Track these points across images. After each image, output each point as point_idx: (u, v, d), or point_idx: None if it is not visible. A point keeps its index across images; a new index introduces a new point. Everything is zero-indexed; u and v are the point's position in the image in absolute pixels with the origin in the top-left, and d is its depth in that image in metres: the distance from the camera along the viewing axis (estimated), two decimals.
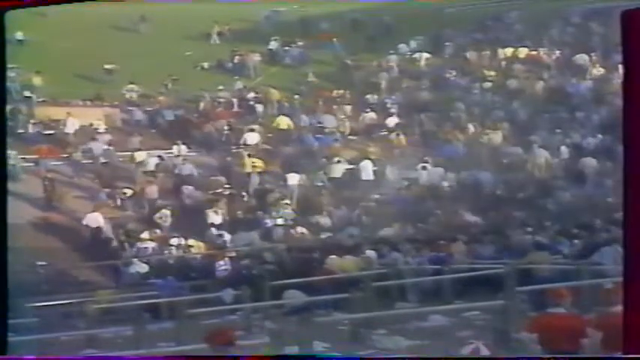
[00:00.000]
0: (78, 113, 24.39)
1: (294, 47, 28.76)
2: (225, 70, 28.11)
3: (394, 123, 24.92)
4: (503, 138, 23.75)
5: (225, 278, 17.93)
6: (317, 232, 20.26)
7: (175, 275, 17.78)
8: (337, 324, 14.48)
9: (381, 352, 12.81)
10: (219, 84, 26.67)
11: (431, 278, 16.75)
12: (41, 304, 15.71)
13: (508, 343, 11.50)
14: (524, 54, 28.27)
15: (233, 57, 28.18)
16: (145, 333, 14.18)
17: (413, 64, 28.28)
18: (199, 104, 25.95)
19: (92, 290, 17.55)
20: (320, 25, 29.72)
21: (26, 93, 24.54)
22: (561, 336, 9.00)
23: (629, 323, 5.83)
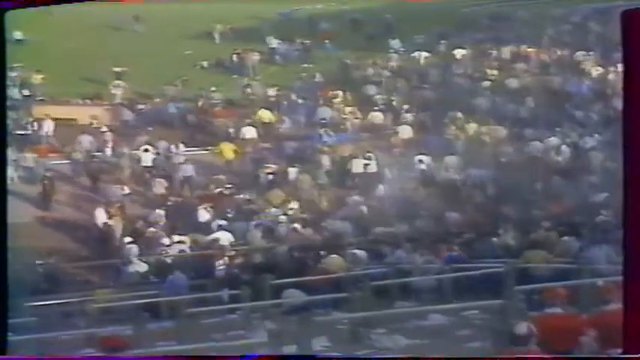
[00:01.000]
0: (78, 112, 24.46)
1: (294, 45, 28.84)
2: (225, 69, 28.13)
3: (399, 121, 24.96)
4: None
5: (224, 277, 17.90)
6: (318, 230, 20.22)
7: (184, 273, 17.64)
8: (337, 323, 14.49)
9: (381, 352, 12.81)
10: (218, 83, 26.68)
11: (430, 278, 16.70)
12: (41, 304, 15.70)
13: (507, 342, 11.49)
14: (525, 53, 28.34)
15: (232, 56, 28.24)
16: (145, 332, 14.17)
17: (412, 63, 28.30)
18: (198, 102, 26.00)
19: (92, 289, 17.55)
20: (320, 25, 29.88)
21: (25, 92, 24.60)
22: (560, 335, 9.01)
23: (629, 323, 5.83)
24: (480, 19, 29.96)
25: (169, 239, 19.46)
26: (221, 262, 18.36)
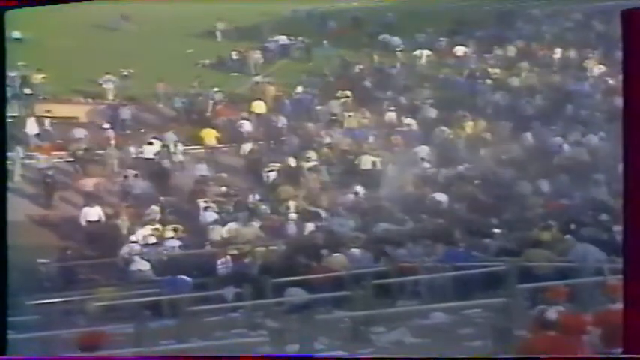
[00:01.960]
0: (78, 111, 24.48)
1: (297, 43, 28.88)
2: (226, 68, 28.15)
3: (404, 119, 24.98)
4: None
5: (226, 275, 17.90)
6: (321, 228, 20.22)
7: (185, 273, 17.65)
8: (339, 321, 14.50)
9: (381, 352, 12.80)
10: (219, 81, 26.69)
11: (431, 276, 16.67)
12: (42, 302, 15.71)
13: (509, 341, 11.48)
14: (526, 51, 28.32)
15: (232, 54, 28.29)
16: (147, 330, 14.16)
17: (414, 62, 28.29)
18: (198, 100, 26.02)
19: (94, 287, 17.56)
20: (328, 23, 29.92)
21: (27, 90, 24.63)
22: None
23: (629, 322, 5.84)
24: (483, 18, 29.97)
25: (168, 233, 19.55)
26: (223, 260, 18.39)
